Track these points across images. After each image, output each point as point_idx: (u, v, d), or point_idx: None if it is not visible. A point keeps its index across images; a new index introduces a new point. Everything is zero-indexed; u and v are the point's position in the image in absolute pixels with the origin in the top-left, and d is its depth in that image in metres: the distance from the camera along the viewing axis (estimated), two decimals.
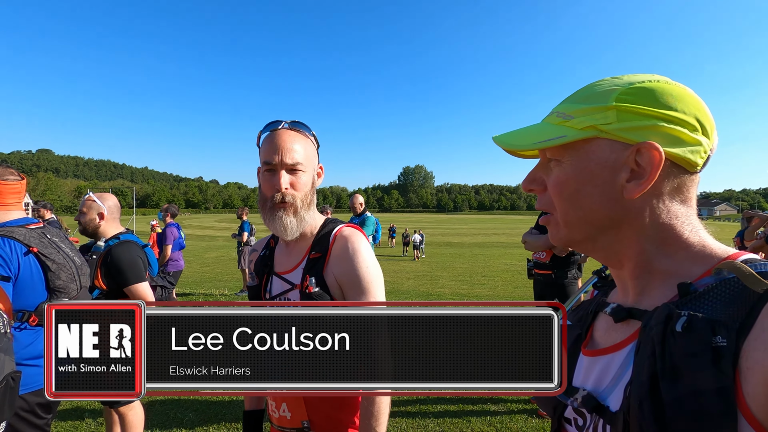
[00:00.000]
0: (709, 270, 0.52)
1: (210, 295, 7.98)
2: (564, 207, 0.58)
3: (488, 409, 3.35)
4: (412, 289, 9.74)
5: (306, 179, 1.11)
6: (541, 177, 0.62)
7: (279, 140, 1.08)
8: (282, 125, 1.11)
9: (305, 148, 1.11)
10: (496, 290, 9.93)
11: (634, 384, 0.49)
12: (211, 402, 3.51)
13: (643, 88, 0.55)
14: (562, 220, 0.59)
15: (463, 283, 11.03)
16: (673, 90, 0.54)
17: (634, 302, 0.59)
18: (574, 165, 0.57)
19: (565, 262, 3.27)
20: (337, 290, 1.07)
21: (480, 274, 12.74)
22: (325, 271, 1.08)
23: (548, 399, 0.67)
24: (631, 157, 0.54)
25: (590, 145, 0.56)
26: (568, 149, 0.57)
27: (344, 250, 1.08)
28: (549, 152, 0.60)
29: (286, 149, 1.06)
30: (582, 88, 0.62)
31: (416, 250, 18.05)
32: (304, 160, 1.09)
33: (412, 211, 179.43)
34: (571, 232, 0.59)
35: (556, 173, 0.59)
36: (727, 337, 0.44)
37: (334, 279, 1.07)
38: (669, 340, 0.47)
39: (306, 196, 1.11)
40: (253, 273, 1.24)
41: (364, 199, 5.46)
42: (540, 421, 3.13)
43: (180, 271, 5.99)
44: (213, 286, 9.28)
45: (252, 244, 8.28)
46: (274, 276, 1.18)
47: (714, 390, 0.43)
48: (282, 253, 1.21)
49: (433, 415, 3.24)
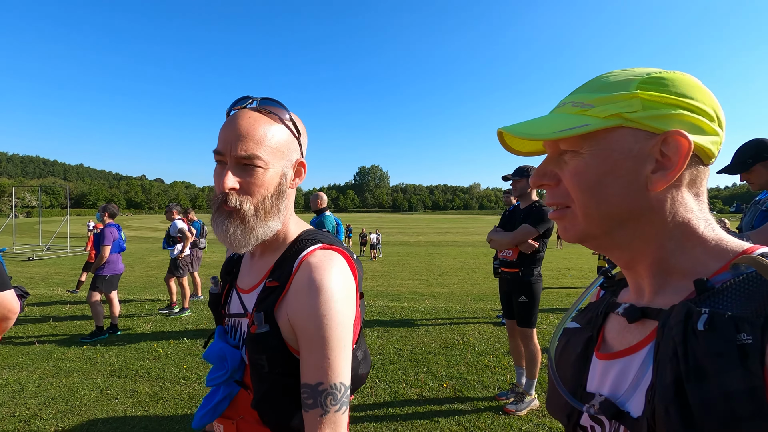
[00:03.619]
0: (725, 265, 0.51)
1: (157, 301, 7.48)
2: (584, 199, 0.55)
3: (456, 408, 3.35)
4: (371, 289, 9.73)
5: (266, 178, 0.84)
6: (553, 171, 0.59)
7: (236, 124, 0.82)
8: (248, 103, 0.87)
9: (273, 136, 0.84)
10: (453, 288, 10.15)
11: (658, 388, 0.47)
12: (162, 419, 3.25)
13: (662, 77, 0.53)
14: (581, 213, 0.56)
15: (420, 282, 11.18)
16: (690, 80, 0.54)
17: (649, 301, 0.57)
18: (595, 155, 0.54)
19: (532, 259, 3.33)
20: (292, 334, 0.83)
21: (436, 273, 12.99)
22: (279, 306, 0.83)
23: (561, 406, 0.64)
24: (657, 146, 0.52)
25: (613, 135, 0.53)
26: (588, 139, 0.54)
27: (305, 284, 0.81)
28: (565, 144, 0.57)
29: (240, 137, 0.81)
30: (593, 79, 0.59)
31: (373, 250, 18.14)
32: (267, 154, 0.83)
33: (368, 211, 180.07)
34: (590, 226, 0.56)
35: (574, 164, 0.56)
36: (752, 334, 0.42)
37: (288, 321, 0.82)
38: (691, 340, 0.45)
39: (263, 201, 0.85)
40: (217, 278, 1.07)
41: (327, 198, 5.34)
42: (506, 418, 3.17)
43: (119, 275, 5.57)
44: (159, 291, 8.74)
45: (201, 246, 7.91)
46: (235, 290, 0.99)
47: (744, 390, 0.40)
48: (246, 263, 1.01)
49: (401, 418, 3.19)
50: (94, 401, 3.52)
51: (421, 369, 4.17)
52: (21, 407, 3.40)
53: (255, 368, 0.84)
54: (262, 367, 0.83)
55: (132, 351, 4.76)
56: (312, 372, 0.78)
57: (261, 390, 0.84)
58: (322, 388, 0.77)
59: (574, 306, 0.71)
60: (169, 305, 6.77)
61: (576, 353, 0.64)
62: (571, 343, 0.67)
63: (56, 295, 7.15)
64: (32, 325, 5.83)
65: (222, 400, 0.89)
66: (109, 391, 3.70)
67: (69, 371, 4.15)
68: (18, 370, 4.17)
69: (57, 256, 16.05)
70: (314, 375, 0.78)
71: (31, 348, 4.83)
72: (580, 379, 0.62)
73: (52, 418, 3.23)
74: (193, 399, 3.54)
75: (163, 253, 17.57)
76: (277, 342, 0.82)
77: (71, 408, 3.40)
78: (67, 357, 4.54)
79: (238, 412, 0.90)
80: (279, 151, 0.86)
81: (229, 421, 0.90)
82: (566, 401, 0.61)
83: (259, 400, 0.84)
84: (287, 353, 0.83)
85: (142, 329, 5.67)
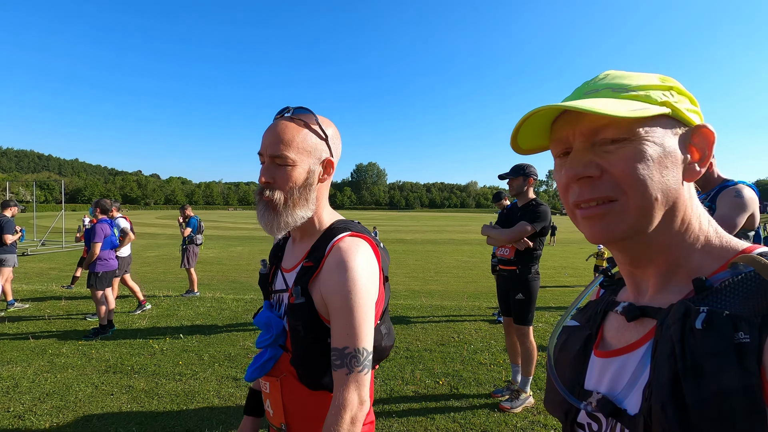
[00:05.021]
0: (724, 264, 0.51)
1: (153, 297, 7.44)
2: (641, 188, 0.51)
3: (451, 405, 3.36)
4: None
5: (295, 174, 1.01)
6: (594, 161, 0.53)
7: (273, 130, 1.01)
8: (285, 113, 1.04)
9: (302, 139, 1.01)
10: (449, 286, 10.18)
11: (655, 385, 0.47)
12: (158, 415, 3.24)
13: (666, 78, 0.55)
14: (636, 204, 0.51)
15: (416, 279, 11.20)
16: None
17: (648, 300, 0.57)
18: (650, 142, 0.51)
19: (529, 257, 3.34)
20: (326, 307, 0.99)
21: (433, 271, 13.01)
22: (312, 283, 1.01)
23: (559, 403, 0.64)
24: (689, 138, 0.53)
25: (658, 123, 0.52)
26: (636, 126, 0.51)
27: (335, 264, 0.98)
28: (613, 130, 0.52)
29: (273, 141, 0.99)
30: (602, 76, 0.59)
31: None
32: (296, 153, 1.00)
33: (365, 208, 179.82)
34: (642, 219, 0.52)
35: (628, 151, 0.51)
36: (750, 333, 0.42)
37: (320, 294, 1.00)
38: (688, 338, 0.45)
39: (291, 193, 1.01)
40: (266, 260, 1.24)
41: None
42: (502, 415, 3.19)
43: (112, 272, 5.50)
44: (156, 287, 8.70)
45: (198, 242, 7.87)
46: (280, 270, 1.16)
47: (740, 389, 0.41)
48: (290, 247, 1.18)
49: (397, 415, 3.20)
50: (89, 397, 3.51)
51: (416, 366, 4.18)
52: (15, 403, 3.39)
53: (294, 333, 1.02)
54: (299, 332, 1.00)
55: (127, 347, 4.74)
56: (340, 338, 0.93)
57: (298, 351, 1.01)
58: (348, 351, 0.92)
59: (574, 304, 0.71)
60: (139, 304, 6.41)
61: (575, 351, 0.65)
62: (570, 340, 0.67)
63: (51, 290, 7.11)
64: (27, 320, 5.80)
65: (268, 360, 1.07)
66: (104, 387, 3.68)
67: (64, 367, 4.13)
68: (12, 365, 4.15)
69: (52, 251, 15.97)
70: (342, 340, 0.93)
71: (26, 343, 4.80)
72: (578, 376, 0.62)
73: (47, 414, 3.22)
74: (188, 395, 3.53)
75: (160, 248, 17.52)
76: (310, 311, 0.99)
77: (66, 404, 3.39)
78: (61, 353, 4.52)
79: (281, 371, 1.07)
80: (306, 150, 1.02)
81: (274, 379, 1.08)
82: (564, 398, 0.61)
83: (297, 359, 1.01)
84: (319, 321, 1.00)
85: (138, 325, 5.65)
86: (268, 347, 1.07)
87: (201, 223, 8.21)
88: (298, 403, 1.06)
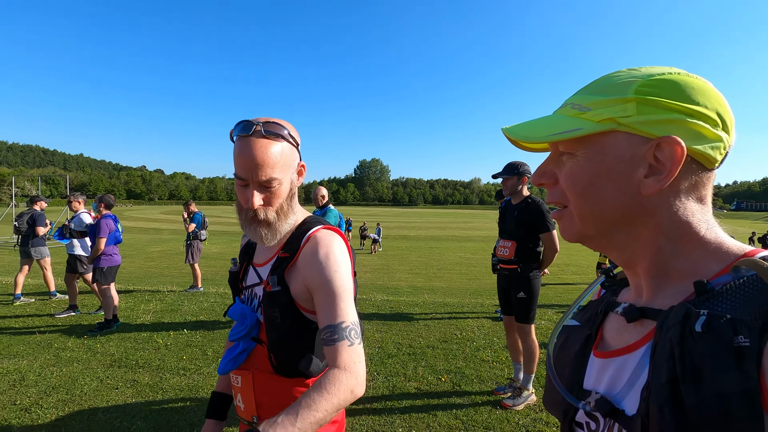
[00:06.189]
0: (726, 268, 0.51)
1: (157, 292, 7.49)
2: (578, 201, 0.57)
3: (453, 402, 3.37)
4: (369, 283, 9.76)
5: (282, 189, 1.06)
6: (552, 170, 0.60)
7: (251, 153, 0.98)
8: (254, 130, 0.99)
9: (282, 155, 1.02)
10: (452, 283, 10.18)
11: (653, 387, 0.47)
12: (162, 409, 3.27)
13: (663, 80, 0.52)
14: (576, 214, 0.57)
15: (419, 276, 11.22)
16: (695, 83, 0.52)
17: (648, 302, 0.57)
18: (589, 158, 0.55)
19: (530, 256, 3.34)
20: (305, 294, 1.04)
21: (436, 267, 13.03)
22: (289, 272, 1.06)
23: (558, 402, 0.65)
24: (650, 151, 0.52)
25: (607, 139, 0.54)
26: (583, 142, 0.55)
27: (314, 253, 1.03)
28: (562, 145, 0.58)
29: (258, 166, 0.99)
30: (598, 79, 0.59)
31: (374, 244, 18.15)
32: (280, 172, 1.03)
33: (368, 205, 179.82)
34: (585, 226, 0.57)
35: (569, 166, 0.57)
36: (750, 337, 0.42)
37: (301, 282, 1.04)
38: (688, 341, 0.45)
39: (282, 207, 1.07)
40: (236, 258, 1.28)
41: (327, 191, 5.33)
42: (504, 413, 3.19)
43: (116, 267, 5.52)
44: (159, 281, 8.76)
45: (202, 238, 7.90)
46: (251, 266, 1.19)
47: (738, 393, 0.41)
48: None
49: (399, 411, 3.21)
50: (94, 391, 3.54)
51: (419, 363, 4.20)
52: (22, 396, 3.43)
53: (269, 320, 1.06)
54: (275, 319, 1.04)
55: (132, 341, 4.78)
56: (334, 314, 0.97)
57: (274, 337, 1.05)
58: (345, 325, 0.96)
59: (575, 303, 0.71)
60: (71, 306, 6.02)
61: (574, 350, 0.65)
62: (570, 340, 0.67)
63: (57, 285, 7.15)
64: (33, 315, 5.86)
65: (241, 353, 1.09)
66: (109, 381, 3.72)
67: (69, 361, 4.18)
68: (19, 359, 4.20)
69: (57, 245, 16.07)
70: (337, 316, 0.97)
71: (32, 338, 4.85)
72: (577, 376, 0.63)
73: (53, 407, 3.26)
74: (192, 390, 3.56)
75: (164, 243, 17.61)
76: (287, 299, 1.04)
77: (71, 397, 3.42)
78: (67, 347, 4.56)
79: (254, 363, 1.10)
80: (286, 164, 1.05)
81: (246, 372, 1.10)
82: (563, 397, 0.61)
83: (274, 345, 1.05)
84: (295, 309, 1.04)
85: (142, 320, 5.69)
86: (241, 339, 1.10)
87: (205, 218, 8.24)
88: (269, 395, 1.08)
